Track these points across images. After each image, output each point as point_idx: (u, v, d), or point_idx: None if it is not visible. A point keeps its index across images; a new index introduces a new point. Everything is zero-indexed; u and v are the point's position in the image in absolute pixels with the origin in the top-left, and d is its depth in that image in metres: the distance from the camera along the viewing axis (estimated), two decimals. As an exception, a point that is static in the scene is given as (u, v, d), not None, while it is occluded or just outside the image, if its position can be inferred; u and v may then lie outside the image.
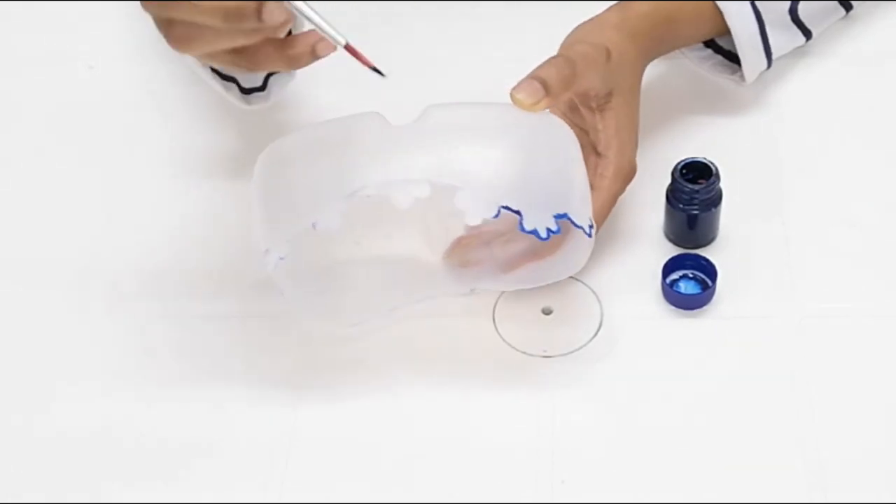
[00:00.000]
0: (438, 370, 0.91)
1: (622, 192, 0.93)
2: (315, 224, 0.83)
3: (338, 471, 0.87)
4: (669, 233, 0.97)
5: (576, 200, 0.85)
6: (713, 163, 0.94)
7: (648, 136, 1.00)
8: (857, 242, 0.96)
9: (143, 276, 0.97)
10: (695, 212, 0.94)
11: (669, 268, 0.94)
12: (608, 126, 0.92)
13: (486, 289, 0.93)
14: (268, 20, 0.77)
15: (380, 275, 0.92)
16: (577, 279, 0.94)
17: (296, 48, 0.80)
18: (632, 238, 0.96)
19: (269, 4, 0.76)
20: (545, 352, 0.91)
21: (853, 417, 0.87)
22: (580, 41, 0.93)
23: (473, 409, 0.89)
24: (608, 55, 0.92)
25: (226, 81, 0.97)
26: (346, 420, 0.89)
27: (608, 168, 0.92)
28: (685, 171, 0.94)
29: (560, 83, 0.88)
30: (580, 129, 0.93)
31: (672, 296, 0.93)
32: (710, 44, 1.04)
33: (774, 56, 1.02)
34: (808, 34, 1.04)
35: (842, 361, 0.90)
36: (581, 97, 0.92)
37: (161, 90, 1.08)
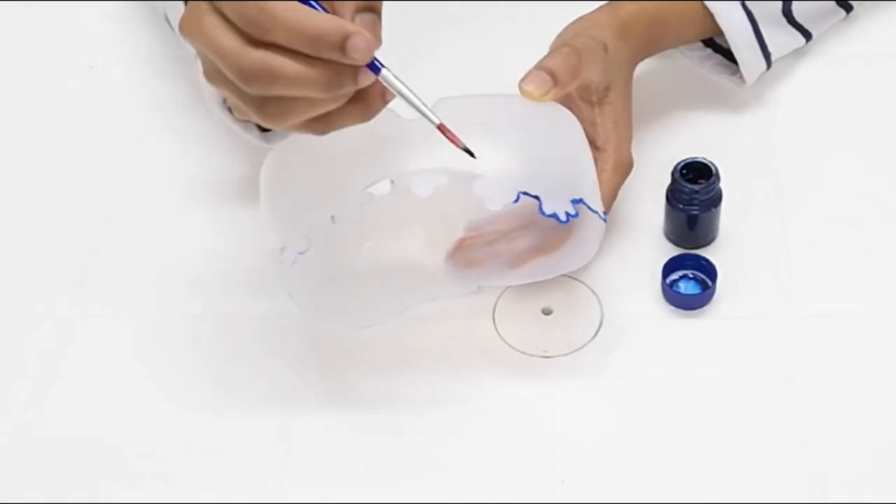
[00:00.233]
0: (438, 370, 0.91)
1: (621, 186, 0.93)
2: (334, 217, 0.82)
3: (337, 471, 0.87)
4: (669, 233, 0.97)
5: (588, 187, 0.86)
6: (713, 163, 0.94)
7: (648, 136, 1.01)
8: (857, 242, 0.96)
9: (144, 276, 0.97)
10: (695, 212, 0.94)
11: (669, 268, 0.94)
12: (606, 120, 0.92)
13: (494, 285, 0.93)
14: (364, 84, 0.76)
15: (387, 278, 0.92)
16: (578, 279, 0.94)
17: (368, 98, 0.78)
18: (632, 238, 0.96)
19: (364, 71, 0.75)
20: (545, 352, 0.91)
21: (853, 417, 0.87)
22: (577, 36, 0.93)
23: (473, 410, 0.89)
24: (605, 49, 0.92)
25: (245, 123, 0.94)
26: (346, 420, 0.89)
27: (608, 161, 0.92)
28: (685, 172, 0.94)
29: (568, 73, 0.88)
30: None
31: (672, 296, 0.93)
32: (710, 43, 1.04)
33: (774, 57, 1.02)
34: (808, 35, 1.04)
35: (841, 361, 0.90)
36: (581, 91, 0.92)
37: (162, 90, 1.08)
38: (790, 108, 1.04)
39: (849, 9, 1.06)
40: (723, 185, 0.94)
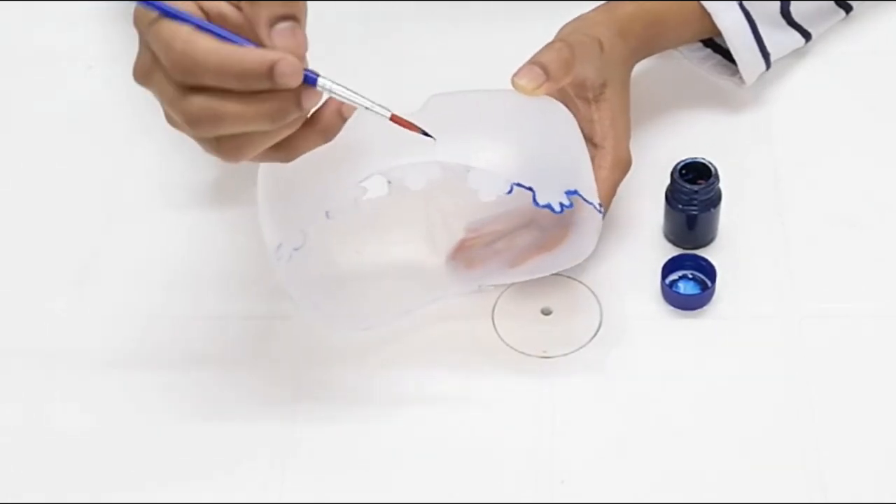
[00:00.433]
0: (438, 370, 0.91)
1: (620, 183, 0.93)
2: (328, 212, 0.83)
3: (337, 470, 0.87)
4: (669, 233, 0.97)
5: (584, 179, 0.86)
6: (712, 163, 0.94)
7: (648, 136, 1.01)
8: (857, 242, 0.96)
9: (144, 276, 0.97)
10: (694, 212, 0.94)
11: (669, 268, 0.94)
12: (604, 117, 0.92)
13: (496, 283, 0.93)
14: (308, 107, 0.76)
15: (387, 280, 0.92)
16: (577, 279, 0.94)
17: (324, 119, 0.78)
18: (631, 238, 0.96)
19: (307, 91, 0.75)
20: (544, 352, 0.92)
21: (853, 417, 0.87)
22: (573, 33, 0.93)
23: (473, 409, 0.89)
24: (601, 46, 0.92)
25: None
26: (346, 420, 0.89)
27: (605, 158, 0.92)
28: (684, 172, 0.94)
29: (560, 67, 0.88)
30: None
31: (671, 296, 0.93)
32: (710, 43, 1.04)
33: (773, 57, 1.02)
34: (808, 35, 1.04)
35: (841, 361, 0.90)
36: (577, 87, 0.92)
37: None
38: (789, 108, 1.04)
39: (848, 9, 1.06)
40: (722, 186, 0.94)
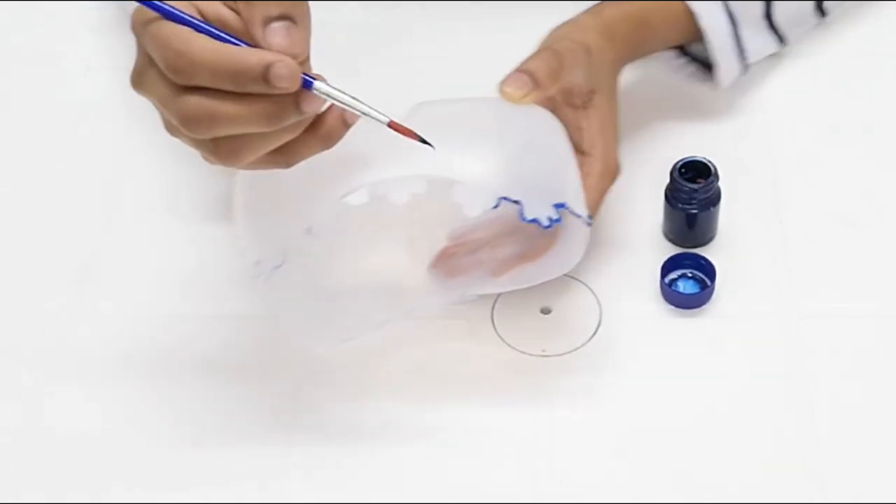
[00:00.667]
0: (437, 370, 0.91)
1: (608, 191, 0.92)
2: (310, 228, 0.81)
3: (336, 470, 0.87)
4: (668, 232, 0.97)
5: (572, 191, 0.85)
6: (712, 162, 0.94)
7: (647, 136, 1.01)
8: (856, 242, 0.96)
9: (144, 276, 0.97)
10: (693, 211, 0.94)
11: (668, 267, 0.94)
12: (592, 124, 0.91)
13: (479, 293, 0.91)
14: (308, 111, 0.74)
15: (366, 291, 0.89)
16: (576, 279, 0.94)
17: (326, 125, 0.76)
18: (630, 238, 0.96)
19: (306, 95, 0.74)
20: (544, 351, 0.92)
21: (853, 417, 0.87)
22: (561, 39, 0.92)
23: (472, 409, 0.89)
24: (589, 52, 0.91)
25: None
26: (344, 419, 0.89)
27: (594, 166, 0.91)
28: (684, 171, 0.94)
29: (548, 75, 0.87)
30: None
31: (671, 295, 0.93)
32: (686, 53, 1.04)
33: (750, 60, 1.02)
34: (784, 40, 1.04)
35: (840, 361, 0.90)
36: (565, 94, 0.91)
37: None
38: (788, 108, 1.04)
39: (825, 13, 1.06)
40: (721, 185, 0.94)
